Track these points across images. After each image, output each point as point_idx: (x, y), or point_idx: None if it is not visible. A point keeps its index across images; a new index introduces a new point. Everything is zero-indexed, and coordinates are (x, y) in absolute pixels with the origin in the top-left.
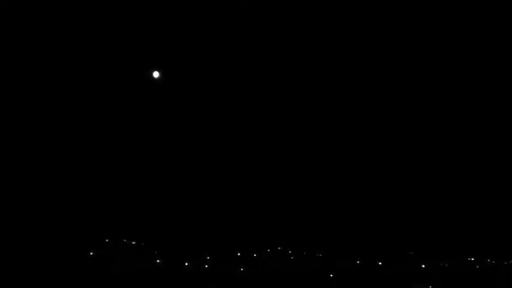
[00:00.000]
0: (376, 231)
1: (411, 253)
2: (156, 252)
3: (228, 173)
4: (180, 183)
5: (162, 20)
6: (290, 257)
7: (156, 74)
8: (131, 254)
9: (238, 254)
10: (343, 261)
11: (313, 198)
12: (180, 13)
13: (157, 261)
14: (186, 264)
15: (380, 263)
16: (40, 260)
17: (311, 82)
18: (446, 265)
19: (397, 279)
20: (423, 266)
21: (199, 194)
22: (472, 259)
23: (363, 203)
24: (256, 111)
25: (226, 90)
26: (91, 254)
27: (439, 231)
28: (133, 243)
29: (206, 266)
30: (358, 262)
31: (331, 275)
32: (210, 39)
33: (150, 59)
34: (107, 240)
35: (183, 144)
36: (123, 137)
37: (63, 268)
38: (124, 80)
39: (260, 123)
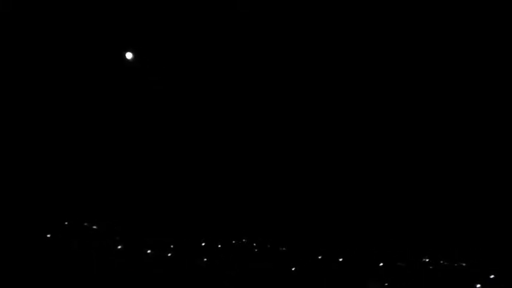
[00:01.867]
0: (338, 229)
1: (371, 251)
2: (117, 238)
3: (198, 160)
4: (146, 167)
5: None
6: (254, 250)
7: (129, 56)
8: (91, 238)
9: (203, 244)
10: (305, 256)
11: (282, 194)
12: (179, 12)
13: (119, 247)
14: (148, 251)
15: (340, 259)
16: None
17: (305, 75)
18: (403, 265)
19: (353, 276)
20: (381, 264)
21: (165, 179)
22: (427, 260)
23: (327, 202)
24: (235, 98)
25: (214, 79)
26: (48, 236)
27: (398, 232)
28: (94, 227)
29: (169, 255)
30: (319, 258)
31: (293, 269)
32: (207, 35)
33: (150, 54)
34: (66, 222)
35: (153, 125)
36: (88, 114)
37: (17, 250)
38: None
39: (244, 115)
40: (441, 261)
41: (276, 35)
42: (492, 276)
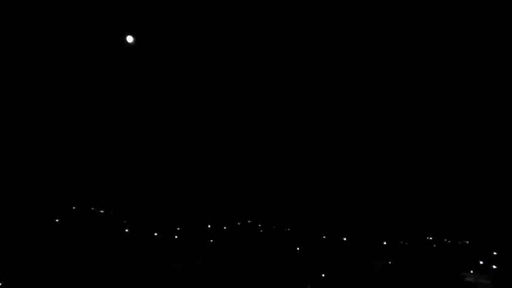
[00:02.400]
0: (342, 208)
1: (375, 229)
2: (124, 221)
3: (200, 144)
4: (151, 153)
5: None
6: (259, 231)
7: (130, 39)
8: (99, 222)
9: (209, 226)
10: (310, 236)
11: (283, 176)
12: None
13: (126, 230)
14: (155, 234)
15: (344, 239)
16: (3, 226)
17: (305, 73)
18: (406, 243)
19: (359, 255)
20: (384, 243)
21: (170, 164)
22: (430, 238)
23: (329, 182)
24: (234, 95)
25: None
26: (56, 221)
27: (401, 211)
28: (102, 211)
29: (176, 237)
30: (324, 237)
31: (298, 249)
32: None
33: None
34: (73, 207)
35: (154, 113)
36: (94, 104)
37: (27, 234)
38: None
39: (245, 105)
40: (445, 240)
41: (275, 35)
42: (495, 253)
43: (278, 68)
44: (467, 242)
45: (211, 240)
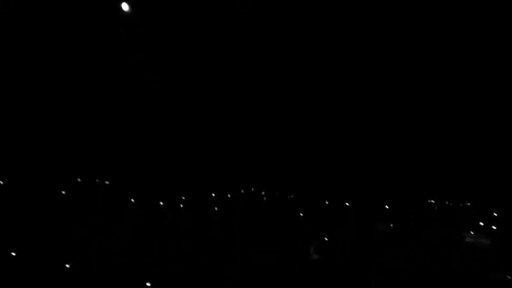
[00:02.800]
0: (344, 173)
1: (376, 193)
2: (130, 192)
3: (203, 113)
4: (154, 124)
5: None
6: (263, 198)
7: (125, 7)
8: (104, 193)
9: (213, 195)
10: (313, 202)
11: (285, 142)
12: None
13: (132, 200)
14: (161, 203)
15: (347, 204)
16: (10, 199)
17: (305, 73)
18: (408, 206)
19: (361, 218)
20: (386, 207)
21: (173, 135)
22: (432, 201)
23: (332, 147)
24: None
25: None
26: (63, 193)
27: (402, 174)
28: (107, 182)
29: (181, 206)
30: (326, 203)
31: (301, 215)
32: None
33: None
34: (78, 179)
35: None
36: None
37: (32, 207)
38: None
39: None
40: (446, 202)
41: (275, 35)
42: (495, 214)
43: (278, 66)
44: (469, 204)
45: (216, 208)
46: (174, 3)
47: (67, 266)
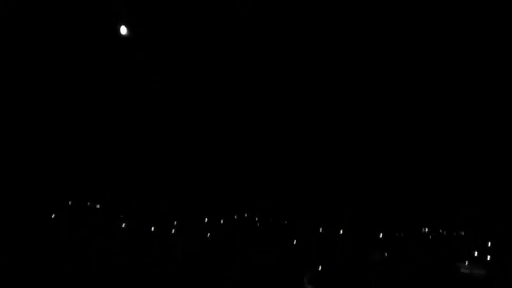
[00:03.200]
0: (338, 201)
1: (369, 223)
2: (121, 216)
3: (196, 137)
4: (148, 147)
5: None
6: (256, 224)
7: (123, 30)
8: (95, 216)
9: (206, 220)
10: (306, 229)
11: (278, 168)
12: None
13: (123, 225)
14: (152, 229)
15: (341, 232)
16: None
17: (306, 75)
18: (402, 235)
19: (354, 248)
20: (380, 236)
21: (167, 159)
22: (426, 230)
23: (325, 175)
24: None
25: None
26: (52, 216)
27: (396, 203)
28: (98, 206)
29: (173, 231)
30: (320, 231)
31: (294, 242)
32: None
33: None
34: (69, 202)
35: (152, 110)
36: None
37: (21, 229)
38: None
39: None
40: (440, 231)
41: (276, 35)
42: (489, 244)
43: (278, 67)
44: (463, 233)
45: (209, 234)
46: (173, 3)
47: None
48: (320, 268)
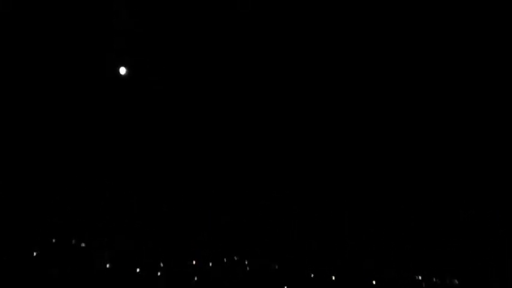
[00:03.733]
0: (330, 246)
1: (363, 269)
2: (106, 255)
3: (185, 177)
4: (134, 185)
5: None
6: (246, 268)
7: (122, 71)
8: (79, 255)
9: (194, 263)
10: (296, 273)
11: (268, 211)
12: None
13: (107, 265)
14: (138, 270)
15: (333, 278)
16: None
17: (306, 75)
18: (396, 282)
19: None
20: (374, 282)
21: (154, 198)
22: (420, 278)
23: (319, 219)
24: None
25: None
26: (34, 254)
27: (390, 249)
28: (83, 245)
29: (159, 274)
30: (312, 276)
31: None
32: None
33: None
34: (53, 240)
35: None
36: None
37: (3, 267)
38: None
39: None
40: (434, 279)
41: (276, 36)
42: None
43: (278, 68)
44: (457, 282)
45: (196, 278)
46: (173, 3)
47: None
48: None
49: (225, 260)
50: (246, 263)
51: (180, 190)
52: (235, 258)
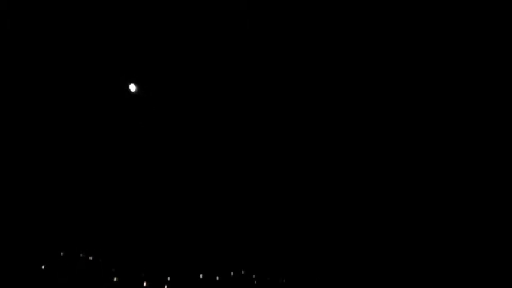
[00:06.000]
0: (338, 262)
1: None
2: (113, 269)
3: (191, 188)
4: (141, 199)
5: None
6: (253, 282)
7: (133, 88)
8: (87, 269)
9: (201, 277)
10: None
11: (276, 225)
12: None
13: (114, 279)
14: (145, 284)
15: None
16: None
17: (306, 76)
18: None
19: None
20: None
21: (161, 212)
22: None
23: (326, 233)
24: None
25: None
26: (42, 267)
27: (396, 264)
28: (90, 258)
29: (166, 287)
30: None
31: None
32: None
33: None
34: (61, 253)
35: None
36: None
37: (11, 281)
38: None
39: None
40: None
41: (276, 36)
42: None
43: (277, 68)
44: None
45: None
46: (173, 3)
47: None
48: None
49: (232, 273)
50: (253, 277)
51: (187, 201)
52: (242, 272)
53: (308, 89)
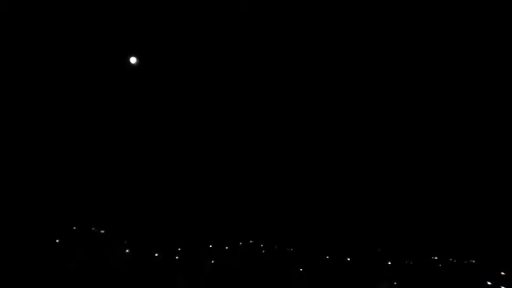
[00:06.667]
0: (346, 228)
1: (379, 250)
2: (125, 242)
3: (201, 164)
4: (152, 173)
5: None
6: (261, 251)
7: (133, 60)
8: (99, 242)
9: (210, 246)
10: (313, 256)
11: (283, 195)
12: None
13: (126, 251)
14: (156, 255)
15: (348, 259)
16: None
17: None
18: (411, 263)
19: (363, 275)
20: (389, 263)
21: (171, 185)
22: (435, 258)
23: (333, 200)
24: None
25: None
26: (57, 241)
27: (406, 230)
28: (102, 231)
29: (177, 258)
30: (327, 257)
31: (301, 270)
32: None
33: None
34: (74, 227)
35: (157, 128)
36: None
37: (26, 254)
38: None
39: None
40: (450, 259)
41: (276, 36)
42: (503, 273)
43: (278, 68)
44: (474, 262)
45: (213, 261)
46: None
47: None
48: None
49: (240, 243)
50: (262, 246)
51: (197, 175)
52: (251, 241)
53: (307, 87)
